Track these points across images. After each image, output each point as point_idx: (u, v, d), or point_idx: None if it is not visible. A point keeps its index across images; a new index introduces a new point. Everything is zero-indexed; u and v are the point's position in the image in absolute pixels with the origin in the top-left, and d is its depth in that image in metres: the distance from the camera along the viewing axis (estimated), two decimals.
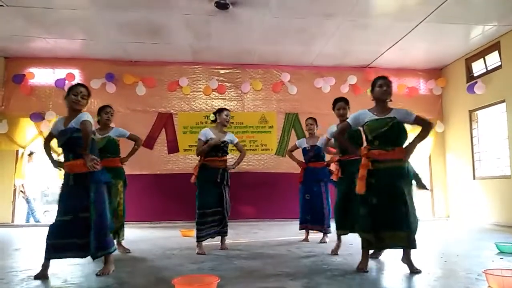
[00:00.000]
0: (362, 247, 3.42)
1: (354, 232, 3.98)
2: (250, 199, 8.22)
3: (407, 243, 3.25)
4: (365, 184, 3.31)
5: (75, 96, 3.42)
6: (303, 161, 5.58)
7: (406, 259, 3.35)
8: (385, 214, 3.28)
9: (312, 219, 5.33)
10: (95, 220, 3.21)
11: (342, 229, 4.25)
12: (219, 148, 4.57)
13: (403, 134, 3.39)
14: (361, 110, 3.53)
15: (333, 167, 4.71)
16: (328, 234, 5.24)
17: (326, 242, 5.12)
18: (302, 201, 5.47)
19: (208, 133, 4.58)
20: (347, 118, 4.20)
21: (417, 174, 3.42)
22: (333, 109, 4.56)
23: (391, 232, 3.28)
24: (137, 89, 8.30)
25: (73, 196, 3.26)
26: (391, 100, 3.48)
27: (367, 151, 3.41)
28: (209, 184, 4.50)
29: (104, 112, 4.66)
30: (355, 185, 3.71)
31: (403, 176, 3.32)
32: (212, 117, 4.74)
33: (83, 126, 3.27)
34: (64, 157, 3.40)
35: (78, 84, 3.54)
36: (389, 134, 3.34)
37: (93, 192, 3.25)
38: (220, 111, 4.73)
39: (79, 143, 3.28)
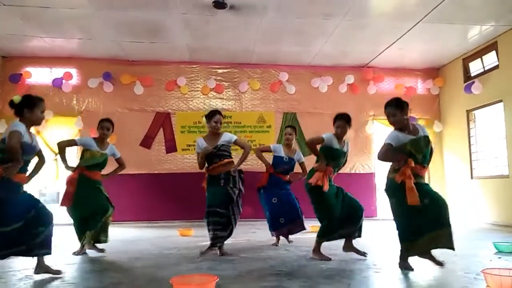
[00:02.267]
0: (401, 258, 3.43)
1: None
2: (248, 198, 8.06)
3: (449, 243, 3.26)
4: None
5: (42, 114, 3.33)
6: (271, 166, 5.16)
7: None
8: (428, 217, 3.28)
9: (288, 220, 4.96)
10: (48, 214, 3.31)
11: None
12: (214, 155, 4.25)
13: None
14: (393, 131, 3.44)
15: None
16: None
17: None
18: (269, 206, 5.04)
19: (201, 143, 4.29)
20: (343, 136, 4.11)
21: None
22: (333, 123, 4.13)
23: (434, 232, 3.27)
24: (135, 88, 8.28)
25: (22, 202, 3.24)
26: (407, 119, 3.44)
27: (407, 166, 3.33)
28: (213, 187, 4.26)
29: (99, 127, 4.55)
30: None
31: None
32: (204, 121, 4.40)
33: (41, 155, 3.49)
34: (22, 169, 3.24)
35: (42, 99, 3.36)
36: (429, 152, 3.52)
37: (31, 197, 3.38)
38: (210, 116, 4.32)
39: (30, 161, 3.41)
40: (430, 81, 8.97)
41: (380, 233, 6.28)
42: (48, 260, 3.31)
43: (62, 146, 4.51)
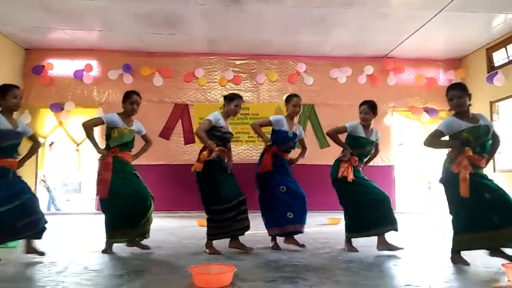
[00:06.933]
0: (453, 250, 3.33)
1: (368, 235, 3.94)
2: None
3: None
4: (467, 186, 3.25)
5: (15, 99, 3.46)
6: (275, 145, 4.23)
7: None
8: (495, 211, 3.15)
9: (297, 215, 4.06)
10: (32, 198, 3.51)
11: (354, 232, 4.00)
12: (226, 139, 4.18)
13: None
14: (450, 117, 3.44)
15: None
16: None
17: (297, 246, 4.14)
18: (275, 196, 4.11)
19: (220, 120, 4.05)
20: (369, 125, 4.10)
21: None
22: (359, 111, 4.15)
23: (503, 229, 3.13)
24: (154, 80, 8.36)
25: (14, 185, 3.45)
26: (470, 105, 3.46)
27: (463, 155, 3.28)
28: (223, 174, 4.06)
29: (129, 101, 3.99)
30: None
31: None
32: (222, 101, 4.15)
33: (35, 139, 3.86)
34: (7, 154, 3.44)
35: (14, 86, 3.49)
36: (488, 141, 3.38)
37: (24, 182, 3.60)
38: (231, 99, 4.05)
39: (18, 146, 3.57)
40: (452, 72, 8.76)
41: (399, 226, 6.20)
42: (73, 247, 3.40)
43: (89, 126, 3.90)
